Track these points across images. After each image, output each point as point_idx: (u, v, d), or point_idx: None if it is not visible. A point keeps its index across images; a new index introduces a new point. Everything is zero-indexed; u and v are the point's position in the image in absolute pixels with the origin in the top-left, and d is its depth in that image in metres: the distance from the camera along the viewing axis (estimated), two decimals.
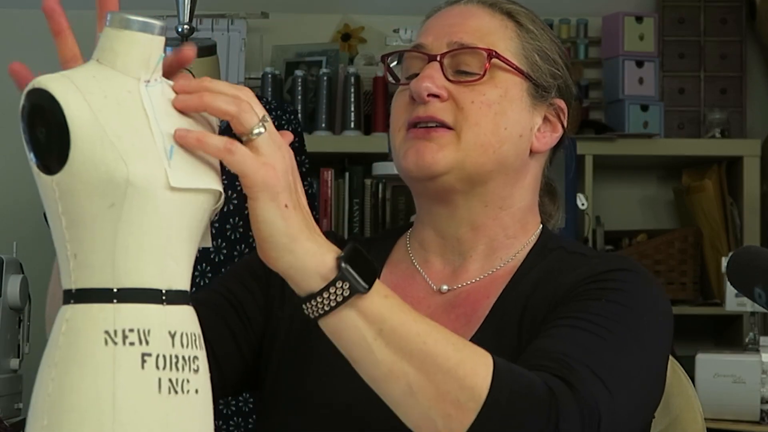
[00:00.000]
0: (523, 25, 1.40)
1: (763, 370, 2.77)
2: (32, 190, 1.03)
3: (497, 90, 1.35)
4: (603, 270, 1.29)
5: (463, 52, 1.35)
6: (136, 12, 1.06)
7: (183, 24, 2.47)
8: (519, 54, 1.37)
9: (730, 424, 2.76)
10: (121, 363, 0.95)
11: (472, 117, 1.33)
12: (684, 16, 3.64)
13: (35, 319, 2.61)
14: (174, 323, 0.97)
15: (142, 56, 1.02)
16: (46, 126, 1.00)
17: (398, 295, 1.37)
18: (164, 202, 0.98)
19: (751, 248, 1.35)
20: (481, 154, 1.33)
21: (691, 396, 1.52)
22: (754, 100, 3.69)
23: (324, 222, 3.34)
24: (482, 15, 1.39)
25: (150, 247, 0.97)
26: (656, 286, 1.31)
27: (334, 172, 3.41)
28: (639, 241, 3.50)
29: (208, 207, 1.01)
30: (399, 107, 1.38)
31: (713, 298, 3.44)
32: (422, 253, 1.41)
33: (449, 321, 1.33)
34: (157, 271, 0.98)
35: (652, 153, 3.45)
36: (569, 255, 1.36)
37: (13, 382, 2.51)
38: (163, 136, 0.99)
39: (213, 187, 1.00)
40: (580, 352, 1.17)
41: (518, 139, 1.36)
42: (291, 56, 3.61)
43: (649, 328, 1.26)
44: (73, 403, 0.95)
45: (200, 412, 0.99)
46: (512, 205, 1.39)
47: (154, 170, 0.97)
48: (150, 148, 0.98)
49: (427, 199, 1.39)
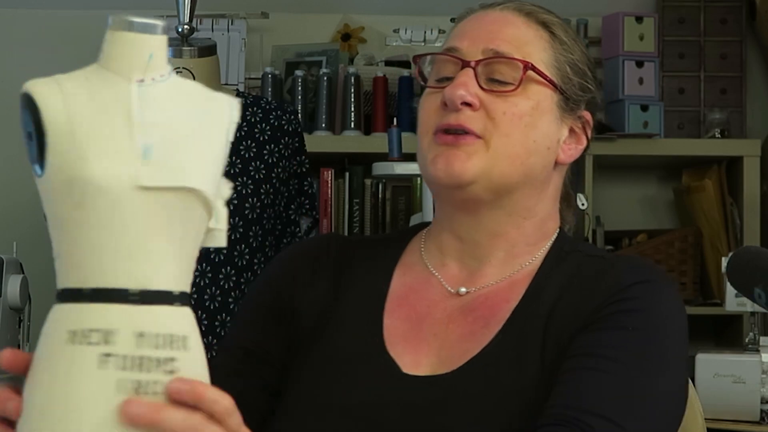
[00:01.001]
0: (557, 36, 1.39)
1: (763, 370, 2.77)
2: (32, 190, 1.04)
3: (529, 102, 1.34)
4: (628, 284, 1.29)
5: (498, 61, 1.34)
6: (137, 12, 1.06)
7: (183, 24, 2.47)
8: (552, 66, 1.36)
9: (730, 424, 2.76)
10: (78, 363, 0.95)
11: (503, 127, 1.32)
12: (684, 16, 3.63)
13: (35, 319, 2.61)
14: (144, 324, 0.97)
15: (134, 56, 1.02)
16: (33, 128, 1.02)
17: (414, 297, 1.38)
18: (134, 201, 0.98)
19: (751, 248, 1.35)
20: (509, 165, 1.33)
21: (691, 396, 1.52)
22: (754, 100, 3.69)
23: (324, 222, 3.34)
24: (519, 24, 1.38)
25: (119, 248, 0.97)
26: (675, 297, 1.32)
27: (334, 172, 3.41)
28: (639, 241, 3.50)
29: (191, 206, 1.00)
30: (429, 110, 1.36)
31: (713, 298, 3.44)
32: (439, 256, 1.40)
33: (467, 323, 1.33)
34: (127, 271, 0.97)
35: (652, 153, 3.45)
36: (589, 258, 1.36)
37: (13, 382, 2.51)
38: (145, 136, 0.99)
39: (189, 185, 0.99)
40: (601, 403, 1.19)
41: (546, 151, 1.36)
42: (291, 56, 3.61)
43: (671, 350, 1.28)
44: (34, 401, 0.97)
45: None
46: (535, 215, 1.38)
47: (122, 170, 0.97)
48: (123, 149, 0.98)
49: (450, 206, 1.38)
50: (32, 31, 3.57)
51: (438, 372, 1.31)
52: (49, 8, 3.57)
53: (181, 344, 0.98)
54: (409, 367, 1.32)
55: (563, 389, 1.22)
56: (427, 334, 1.35)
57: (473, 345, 1.31)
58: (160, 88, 1.02)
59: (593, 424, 1.18)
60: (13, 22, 3.57)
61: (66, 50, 3.54)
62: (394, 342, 1.34)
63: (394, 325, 1.36)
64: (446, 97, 1.32)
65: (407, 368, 1.32)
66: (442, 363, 1.32)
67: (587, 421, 1.18)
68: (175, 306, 0.99)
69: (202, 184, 1.00)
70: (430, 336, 1.34)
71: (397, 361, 1.33)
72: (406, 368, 1.32)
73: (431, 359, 1.32)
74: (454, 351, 1.32)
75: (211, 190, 1.01)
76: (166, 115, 1.01)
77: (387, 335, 1.35)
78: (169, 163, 0.99)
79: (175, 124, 1.01)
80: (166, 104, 1.02)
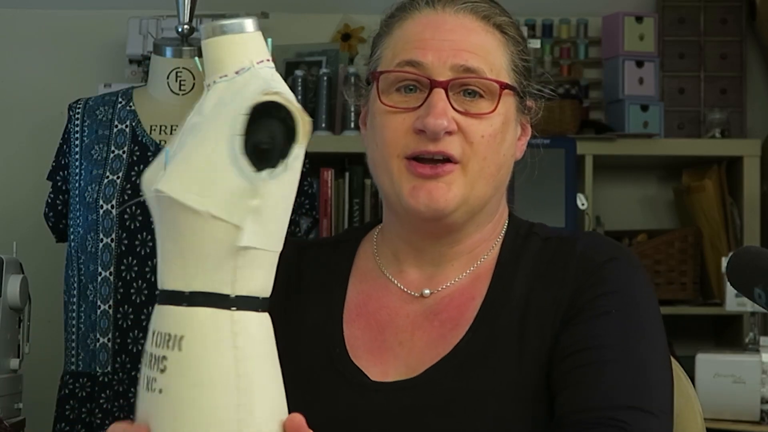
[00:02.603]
0: (510, 36, 1.36)
1: (763, 370, 2.77)
2: (32, 190, 1.05)
3: (501, 117, 1.32)
4: (598, 264, 1.30)
5: (469, 78, 1.30)
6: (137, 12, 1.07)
7: (183, 24, 2.47)
8: (510, 70, 1.34)
9: (730, 424, 2.76)
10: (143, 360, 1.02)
11: (481, 151, 1.30)
12: (684, 16, 3.63)
13: (35, 319, 2.61)
14: (154, 322, 1.01)
15: (209, 60, 1.04)
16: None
17: (373, 306, 1.36)
18: (154, 205, 1.00)
19: (751, 248, 1.35)
20: (484, 185, 1.31)
21: (691, 396, 1.52)
22: (754, 100, 3.69)
23: (324, 222, 3.34)
24: (479, 30, 1.33)
25: (160, 251, 1.03)
26: (639, 267, 1.33)
27: (334, 172, 3.41)
28: (639, 241, 3.49)
29: (173, 207, 1.00)
30: (396, 131, 1.31)
31: (713, 298, 3.44)
32: (395, 263, 1.37)
33: (434, 328, 1.31)
34: (158, 273, 1.02)
35: (652, 153, 3.45)
36: (549, 242, 1.35)
37: (13, 382, 2.51)
38: (179, 139, 1.01)
39: (161, 189, 0.99)
40: (618, 395, 1.20)
41: (511, 158, 1.36)
42: (291, 56, 3.61)
43: (653, 319, 1.29)
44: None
45: (162, 411, 0.99)
46: (495, 213, 1.38)
47: (152, 175, 1.01)
48: (163, 153, 1.01)
49: (419, 233, 1.35)
50: (32, 31, 3.56)
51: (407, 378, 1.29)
52: (49, 8, 3.57)
53: (173, 344, 0.99)
54: (376, 376, 1.30)
55: (579, 391, 1.22)
56: (392, 343, 1.32)
57: (441, 349, 1.29)
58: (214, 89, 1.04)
59: (626, 419, 1.18)
60: (13, 22, 3.57)
61: (66, 50, 3.54)
62: (357, 353, 1.32)
63: (354, 335, 1.34)
64: (428, 128, 1.27)
65: (376, 377, 1.30)
66: (411, 371, 1.29)
67: (620, 417, 1.18)
68: (182, 306, 0.99)
69: (201, 199, 0.99)
70: (395, 345, 1.32)
71: (363, 370, 1.30)
72: (374, 378, 1.30)
73: (399, 369, 1.30)
74: (422, 357, 1.30)
75: (197, 190, 1.00)
76: (195, 120, 1.04)
77: (349, 346, 1.33)
78: (183, 172, 1.01)
79: (192, 129, 1.04)
80: (206, 107, 1.04)
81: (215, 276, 0.99)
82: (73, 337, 2.40)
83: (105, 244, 2.33)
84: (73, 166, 2.43)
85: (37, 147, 3.30)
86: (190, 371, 0.98)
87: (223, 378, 0.98)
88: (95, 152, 2.41)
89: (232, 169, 0.98)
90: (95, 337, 2.34)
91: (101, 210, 2.34)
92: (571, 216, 3.13)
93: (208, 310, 0.99)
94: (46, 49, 3.55)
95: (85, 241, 2.36)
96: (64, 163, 2.45)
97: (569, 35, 3.67)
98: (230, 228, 0.99)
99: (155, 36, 3.20)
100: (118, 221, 2.32)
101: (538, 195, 3.05)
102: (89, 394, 2.35)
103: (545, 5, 3.63)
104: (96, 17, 3.55)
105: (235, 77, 1.02)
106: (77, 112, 2.46)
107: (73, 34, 3.55)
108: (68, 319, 2.42)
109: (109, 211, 2.33)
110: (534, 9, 3.60)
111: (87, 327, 2.36)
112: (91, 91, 2.79)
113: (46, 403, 2.62)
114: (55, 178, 2.47)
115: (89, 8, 3.56)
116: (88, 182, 2.38)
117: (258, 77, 1.01)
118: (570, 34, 3.67)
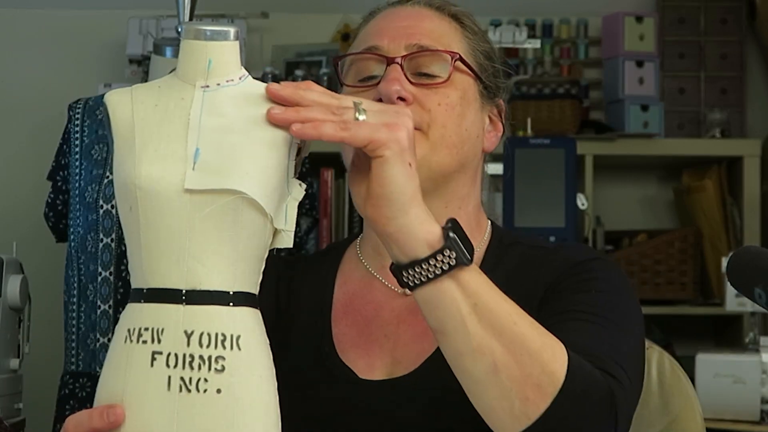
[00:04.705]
0: (467, 26, 1.42)
1: (763, 370, 2.77)
2: (32, 190, 1.06)
3: (457, 92, 1.37)
4: (578, 260, 1.34)
5: (423, 55, 1.36)
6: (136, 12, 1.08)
7: (183, 24, 2.47)
8: (469, 56, 1.39)
9: (730, 424, 2.76)
10: (133, 360, 1.01)
11: (439, 118, 1.34)
12: (684, 16, 3.63)
13: (35, 319, 2.61)
14: (194, 323, 1.00)
15: (197, 63, 1.05)
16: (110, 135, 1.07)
17: (359, 303, 1.38)
18: (181, 204, 1.00)
19: (751, 248, 1.35)
20: (446, 154, 1.35)
21: (690, 396, 1.52)
22: (754, 100, 3.69)
23: (324, 222, 3.34)
24: (433, 17, 1.40)
25: (170, 249, 1.02)
26: (618, 268, 1.38)
27: (334, 172, 3.41)
28: (639, 241, 3.50)
29: (240, 208, 1.02)
30: None
31: (713, 298, 3.44)
32: (377, 258, 1.40)
33: (418, 323, 1.32)
34: (179, 271, 1.02)
35: (652, 153, 3.45)
36: (531, 250, 1.39)
37: (13, 382, 2.51)
38: (197, 141, 1.01)
39: (233, 188, 1.01)
40: (599, 345, 1.20)
41: (476, 139, 1.39)
42: (291, 56, 3.61)
43: (632, 308, 1.32)
44: (100, 396, 1.03)
45: (221, 411, 1.00)
46: (469, 203, 1.41)
47: (171, 174, 1.01)
48: (175, 154, 1.00)
49: None
50: (32, 31, 3.57)
51: (395, 375, 1.31)
52: (49, 8, 3.57)
53: (229, 343, 1.01)
54: (364, 372, 1.32)
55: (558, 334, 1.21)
56: (377, 336, 1.35)
57: (428, 345, 1.31)
58: (224, 93, 1.05)
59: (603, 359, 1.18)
60: (13, 22, 3.57)
61: (66, 50, 3.54)
62: (345, 349, 1.35)
63: (342, 332, 1.36)
64: (382, 93, 1.32)
65: (363, 374, 1.32)
66: (397, 364, 1.32)
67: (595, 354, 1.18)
68: (229, 306, 1.01)
69: (251, 187, 1.02)
70: (381, 337, 1.35)
71: (351, 367, 1.33)
72: (361, 374, 1.32)
73: (385, 361, 1.33)
74: (408, 351, 1.32)
75: (262, 192, 1.03)
76: (222, 120, 1.04)
77: (337, 343, 1.35)
78: (218, 167, 1.02)
79: (229, 129, 1.04)
80: (226, 109, 1.04)
81: (254, 277, 1.05)
82: (73, 337, 2.40)
83: (105, 244, 2.34)
84: (73, 166, 2.43)
85: (37, 147, 3.30)
86: (255, 368, 1.03)
87: (272, 371, 1.07)
88: (95, 152, 2.41)
89: (285, 181, 1.07)
90: (95, 337, 2.34)
91: (101, 210, 2.34)
92: (571, 216, 3.13)
93: (251, 309, 1.04)
94: (46, 49, 3.55)
95: (85, 241, 2.36)
96: (64, 163, 2.45)
97: (569, 35, 3.67)
98: (272, 231, 1.06)
99: (155, 36, 3.20)
100: (119, 221, 2.32)
101: (538, 195, 3.05)
102: (89, 394, 2.35)
103: (545, 5, 3.63)
104: (96, 17, 3.56)
105: (240, 83, 1.06)
106: (77, 112, 2.46)
107: (73, 34, 3.55)
108: (68, 319, 2.42)
109: (109, 211, 2.33)
110: (534, 9, 3.60)
111: (87, 327, 2.37)
112: (91, 91, 2.79)
113: (46, 403, 2.62)
114: (55, 178, 2.47)
115: (89, 8, 3.56)
116: (88, 182, 2.39)
117: (257, 85, 1.08)
118: (570, 34, 3.67)
